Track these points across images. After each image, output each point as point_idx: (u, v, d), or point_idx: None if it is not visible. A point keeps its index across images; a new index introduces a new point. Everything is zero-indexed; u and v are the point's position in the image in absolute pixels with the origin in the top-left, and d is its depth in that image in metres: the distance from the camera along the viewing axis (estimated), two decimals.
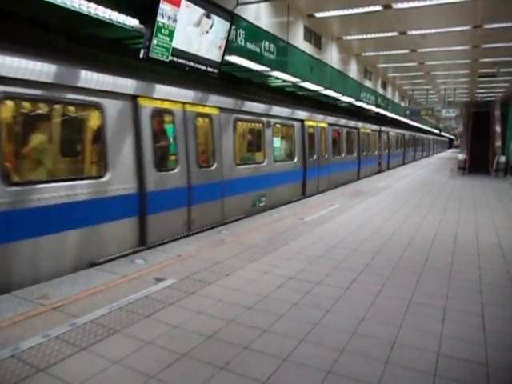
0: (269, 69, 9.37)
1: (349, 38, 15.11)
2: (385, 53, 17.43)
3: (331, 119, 14.41)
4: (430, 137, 46.73)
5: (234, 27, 7.32)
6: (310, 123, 12.31)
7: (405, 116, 26.80)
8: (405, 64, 19.70)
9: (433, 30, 13.46)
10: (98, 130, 5.53)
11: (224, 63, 7.36)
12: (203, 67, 6.64)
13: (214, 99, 7.59)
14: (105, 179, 5.44)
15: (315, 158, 12.61)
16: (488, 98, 29.44)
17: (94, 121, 5.59)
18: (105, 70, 5.44)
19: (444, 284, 4.72)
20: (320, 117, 13.36)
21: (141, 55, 5.43)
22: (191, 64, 6.31)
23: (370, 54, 17.86)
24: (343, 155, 15.61)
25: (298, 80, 11.14)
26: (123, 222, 5.79)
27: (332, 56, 14.81)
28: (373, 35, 14.31)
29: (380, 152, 21.24)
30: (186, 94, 6.83)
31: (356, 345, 3.28)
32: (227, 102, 8.09)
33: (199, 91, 7.22)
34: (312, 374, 2.87)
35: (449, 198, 11.78)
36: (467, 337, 3.47)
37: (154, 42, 5.38)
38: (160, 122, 6.61)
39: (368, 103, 18.50)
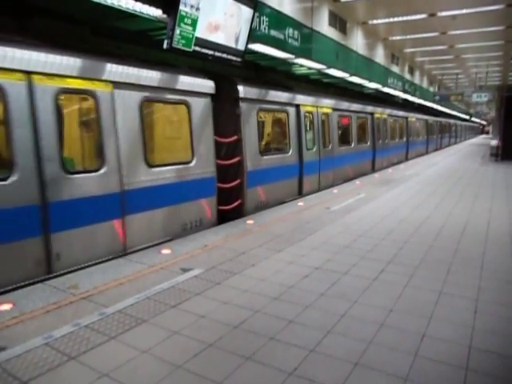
0: (293, 56, 9.23)
1: (375, 22, 14.69)
2: (413, 36, 16.89)
3: (412, 115, 21.60)
4: (464, 123, 48.49)
5: (257, 14, 7.21)
6: (411, 119, 20.92)
7: (434, 102, 26.02)
8: (434, 47, 19.08)
9: (464, 11, 12.93)
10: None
11: (247, 52, 7.29)
12: (227, 56, 6.57)
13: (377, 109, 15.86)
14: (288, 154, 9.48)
15: (405, 139, 20.02)
16: None
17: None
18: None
19: (476, 275, 4.58)
20: (413, 114, 21.72)
21: (164, 45, 5.41)
22: (216, 54, 6.26)
23: (397, 38, 17.34)
24: (420, 137, 23.76)
25: (323, 67, 10.93)
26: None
27: (357, 41, 14.47)
28: (400, 18, 13.88)
29: (436, 136, 28.86)
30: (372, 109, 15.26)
31: (384, 337, 3.22)
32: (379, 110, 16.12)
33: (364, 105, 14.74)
34: (339, 366, 2.83)
35: (480, 185, 11.42)
36: (501, 329, 3.36)
37: (177, 31, 5.35)
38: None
39: (395, 89, 18.04)
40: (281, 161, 9.03)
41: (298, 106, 9.67)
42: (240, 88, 7.56)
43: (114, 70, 5.19)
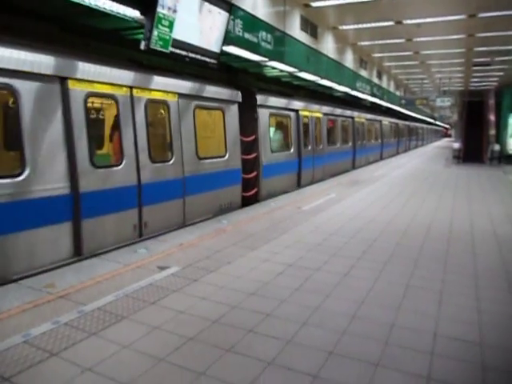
0: (266, 59, 9.38)
1: (344, 27, 15.08)
2: (380, 42, 17.40)
3: (385, 119, 24.45)
4: (429, 127, 51.49)
5: (231, 17, 7.32)
6: (385, 123, 23.88)
7: (401, 105, 26.82)
8: (400, 53, 19.69)
9: (428, 19, 13.46)
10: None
11: (221, 54, 7.38)
12: (203, 58, 6.66)
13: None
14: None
15: (379, 141, 22.62)
16: (482, 87, 29.51)
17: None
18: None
19: (440, 269, 4.86)
20: (386, 118, 24.53)
21: (141, 46, 5.44)
22: (191, 55, 6.33)
23: (366, 43, 17.82)
24: (392, 140, 26.58)
25: (294, 70, 11.15)
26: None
27: (328, 46, 14.81)
28: (368, 25, 14.29)
29: (405, 138, 32.07)
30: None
31: (356, 327, 3.40)
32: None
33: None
34: (315, 355, 2.98)
35: (444, 186, 11.93)
36: (463, 318, 3.61)
37: (155, 33, 5.40)
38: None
39: (364, 93, 18.53)
40: (285, 157, 10.98)
41: (297, 111, 11.67)
42: (258, 97, 9.41)
43: (178, 84, 6.90)
